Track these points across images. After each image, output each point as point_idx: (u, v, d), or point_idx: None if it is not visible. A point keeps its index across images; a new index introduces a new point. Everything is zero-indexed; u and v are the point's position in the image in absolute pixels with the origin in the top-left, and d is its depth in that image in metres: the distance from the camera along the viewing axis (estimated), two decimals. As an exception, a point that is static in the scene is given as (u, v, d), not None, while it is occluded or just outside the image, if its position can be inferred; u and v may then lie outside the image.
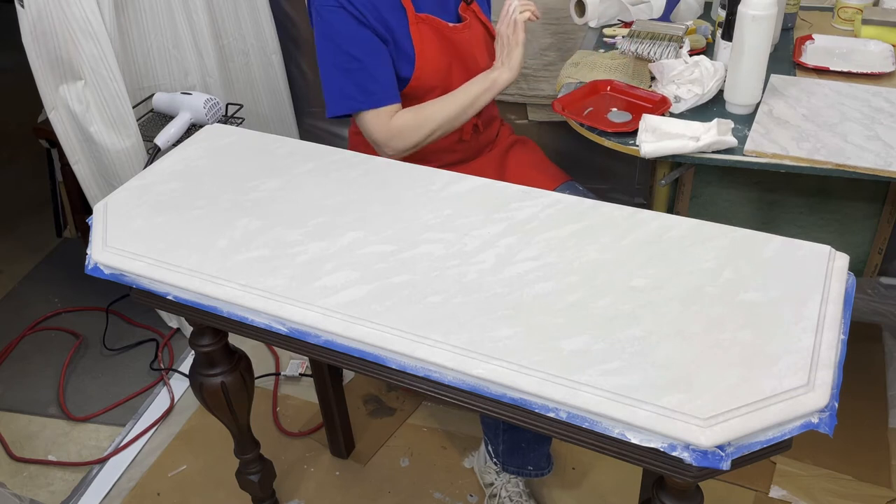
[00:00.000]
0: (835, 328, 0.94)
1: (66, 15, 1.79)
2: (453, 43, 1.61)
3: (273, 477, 1.65)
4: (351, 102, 1.52)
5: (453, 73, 1.59)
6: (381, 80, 1.51)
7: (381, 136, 1.54)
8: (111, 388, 2.14)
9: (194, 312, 1.15)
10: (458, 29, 1.62)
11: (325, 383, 1.74)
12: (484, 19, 1.70)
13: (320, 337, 1.03)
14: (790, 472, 1.76)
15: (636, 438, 0.86)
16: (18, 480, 1.89)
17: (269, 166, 1.33)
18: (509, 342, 0.94)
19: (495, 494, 1.70)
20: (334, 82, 1.52)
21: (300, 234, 1.15)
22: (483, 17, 1.70)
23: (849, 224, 2.13)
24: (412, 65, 1.56)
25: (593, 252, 1.07)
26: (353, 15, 1.48)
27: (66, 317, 2.39)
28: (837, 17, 1.86)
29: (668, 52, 1.66)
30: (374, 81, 1.51)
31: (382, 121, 1.53)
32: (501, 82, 1.53)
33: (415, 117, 1.54)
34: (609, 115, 1.56)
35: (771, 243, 1.07)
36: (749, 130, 1.48)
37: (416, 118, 1.54)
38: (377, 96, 1.51)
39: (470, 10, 1.67)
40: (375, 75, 1.50)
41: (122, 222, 1.21)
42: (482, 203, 1.19)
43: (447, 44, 1.60)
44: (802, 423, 0.85)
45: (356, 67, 1.49)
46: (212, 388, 1.39)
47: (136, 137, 1.98)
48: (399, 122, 1.54)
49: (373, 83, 1.51)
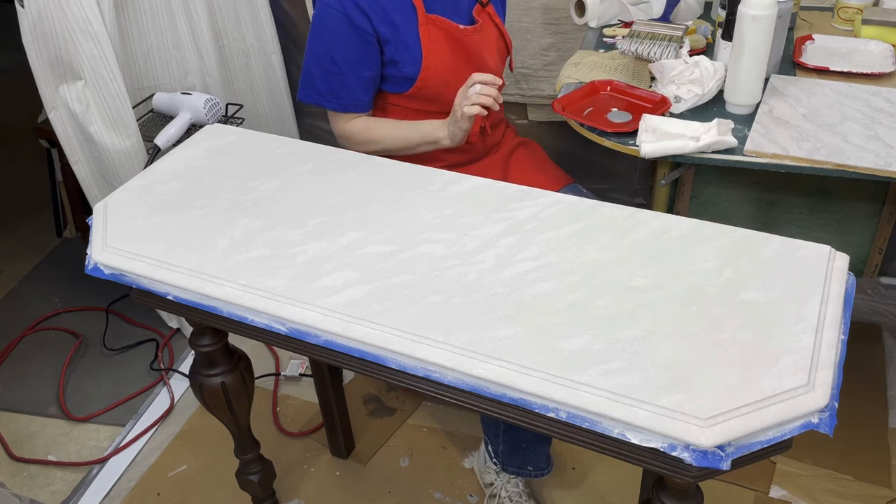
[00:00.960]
0: (835, 328, 0.94)
1: (66, 15, 1.79)
2: (463, 45, 1.61)
3: (273, 477, 1.65)
4: (318, 98, 1.63)
5: (461, 74, 1.58)
6: (353, 90, 1.60)
7: (334, 131, 1.69)
8: (111, 388, 2.14)
9: (194, 312, 1.15)
10: (468, 31, 1.61)
11: (325, 383, 1.74)
12: (498, 22, 1.71)
13: (320, 337, 1.03)
14: (790, 472, 1.76)
15: (636, 438, 0.86)
16: (18, 480, 1.89)
17: (269, 166, 1.33)
18: (509, 342, 0.94)
19: (495, 494, 1.70)
20: (311, 73, 1.61)
21: (300, 234, 1.15)
22: (497, 20, 1.70)
23: (849, 224, 2.13)
24: (419, 64, 1.57)
25: (593, 252, 1.07)
26: (352, 21, 1.52)
27: (66, 317, 2.39)
28: (837, 17, 1.86)
29: (668, 52, 1.66)
30: (346, 89, 1.60)
31: (338, 121, 1.66)
32: (441, 145, 1.59)
33: (365, 130, 1.63)
34: (609, 115, 1.56)
35: (771, 243, 1.07)
36: (749, 130, 1.48)
37: (365, 132, 1.64)
38: (343, 102, 1.61)
39: (485, 12, 1.67)
40: (349, 85, 1.59)
41: (122, 222, 1.21)
42: (482, 203, 1.19)
43: (456, 45, 1.60)
44: (802, 423, 0.85)
45: (334, 72, 1.58)
46: (212, 388, 1.39)
47: (136, 137, 1.98)
48: (350, 128, 1.64)
49: (344, 90, 1.60)
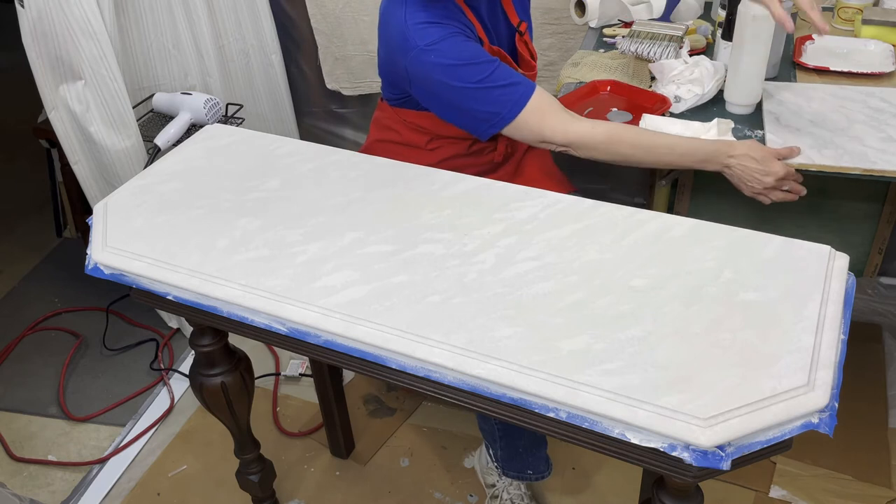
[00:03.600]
0: (835, 328, 0.94)
1: (66, 15, 1.79)
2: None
3: (273, 477, 1.65)
4: (512, 111, 1.40)
5: None
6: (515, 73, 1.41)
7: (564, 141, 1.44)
8: (111, 388, 2.14)
9: (194, 312, 1.15)
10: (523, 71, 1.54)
11: (325, 383, 1.74)
12: (533, 51, 1.63)
13: (320, 337, 1.03)
14: (790, 472, 1.76)
15: (636, 438, 0.86)
16: (18, 480, 1.89)
17: (269, 166, 1.32)
18: (509, 342, 0.94)
19: (497, 496, 1.70)
20: (484, 100, 1.40)
21: (300, 234, 1.15)
22: (532, 49, 1.62)
23: (849, 224, 2.13)
24: None
25: (593, 252, 1.07)
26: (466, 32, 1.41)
27: (66, 317, 2.39)
28: (837, 17, 1.86)
29: (668, 52, 1.66)
30: (514, 76, 1.41)
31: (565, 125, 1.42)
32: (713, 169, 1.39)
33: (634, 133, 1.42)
34: (609, 115, 1.56)
35: (771, 243, 1.07)
36: (749, 131, 1.48)
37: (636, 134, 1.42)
38: (529, 86, 1.41)
39: (522, 41, 1.59)
40: (511, 71, 1.41)
41: (122, 222, 1.21)
42: (482, 203, 1.19)
43: None
44: (802, 424, 0.85)
45: (495, 69, 1.38)
46: (212, 388, 1.39)
47: (136, 137, 1.98)
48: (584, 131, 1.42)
49: (516, 77, 1.41)
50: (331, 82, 2.51)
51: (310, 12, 2.38)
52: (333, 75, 2.50)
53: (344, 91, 2.53)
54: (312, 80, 2.57)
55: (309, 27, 2.42)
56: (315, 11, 2.38)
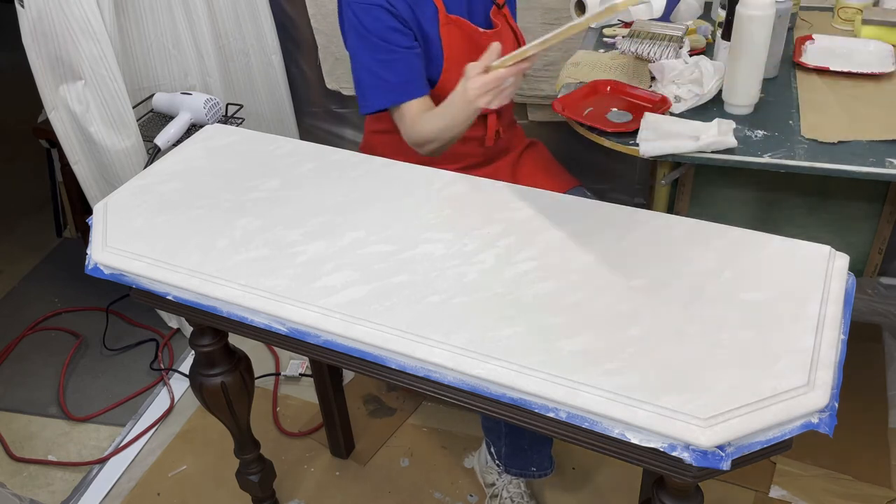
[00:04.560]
0: (835, 328, 0.94)
1: (66, 15, 1.79)
2: (482, 48, 1.53)
3: (273, 477, 1.65)
4: (390, 96, 1.51)
5: None
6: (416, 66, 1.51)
7: (410, 137, 1.54)
8: (111, 388, 2.14)
9: (194, 312, 1.15)
10: (487, 34, 1.58)
11: (325, 383, 1.74)
12: (513, 24, 1.67)
13: (320, 337, 1.03)
14: (790, 472, 1.76)
15: (636, 438, 0.86)
16: (18, 480, 1.89)
17: (269, 166, 1.33)
18: (509, 342, 0.94)
19: (497, 495, 1.70)
20: (372, 74, 1.50)
21: (300, 234, 1.15)
22: (512, 22, 1.67)
23: (849, 224, 2.13)
24: (440, 67, 1.54)
25: (593, 252, 1.07)
26: (394, 12, 1.46)
27: (66, 317, 2.39)
28: (837, 17, 1.86)
29: (668, 52, 1.66)
30: (414, 71, 1.51)
31: (412, 121, 1.51)
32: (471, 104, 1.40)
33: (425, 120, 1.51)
34: (609, 115, 1.56)
35: (771, 243, 1.07)
36: (749, 131, 1.48)
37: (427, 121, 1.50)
38: (418, 84, 1.51)
39: (501, 14, 1.64)
40: (413, 64, 1.50)
41: (122, 222, 1.21)
42: (482, 203, 1.19)
43: (476, 48, 1.53)
44: (802, 423, 0.85)
45: (396, 58, 1.48)
46: (212, 388, 1.39)
47: (136, 137, 1.98)
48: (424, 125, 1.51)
49: (413, 72, 1.50)
50: (331, 82, 2.51)
51: (310, 12, 2.38)
52: (333, 75, 2.50)
53: (344, 91, 2.53)
54: (312, 80, 2.57)
55: (309, 27, 2.42)
56: (315, 11, 2.37)
